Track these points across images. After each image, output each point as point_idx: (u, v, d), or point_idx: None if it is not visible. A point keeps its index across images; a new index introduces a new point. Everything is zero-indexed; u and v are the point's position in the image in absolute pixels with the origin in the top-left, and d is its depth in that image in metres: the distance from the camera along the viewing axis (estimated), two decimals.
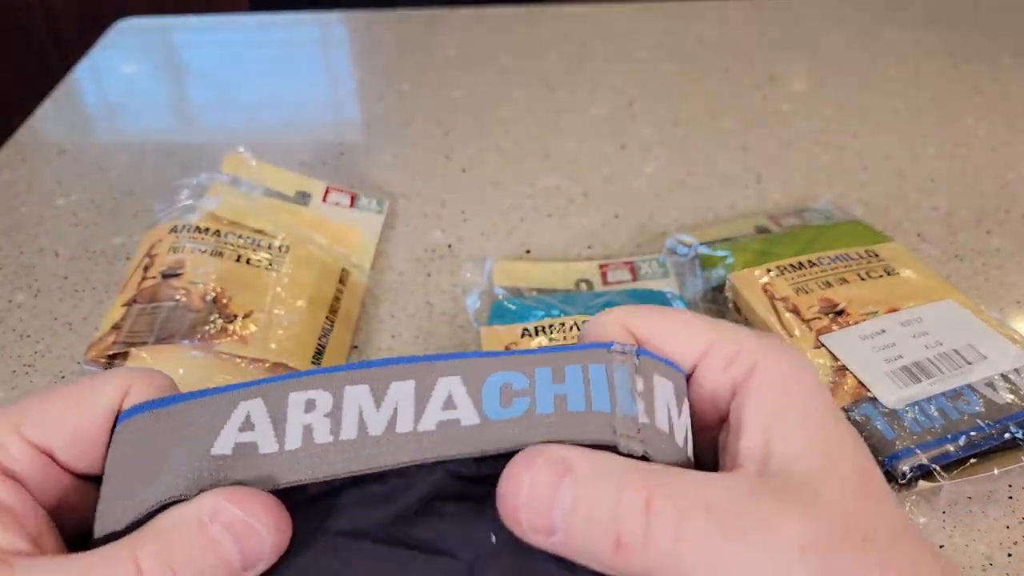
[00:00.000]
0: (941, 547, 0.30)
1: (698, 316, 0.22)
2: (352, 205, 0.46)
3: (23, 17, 1.35)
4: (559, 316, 0.36)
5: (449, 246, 0.45)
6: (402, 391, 0.20)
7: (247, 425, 0.20)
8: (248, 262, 0.39)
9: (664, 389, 0.20)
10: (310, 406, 0.20)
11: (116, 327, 0.36)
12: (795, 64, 0.62)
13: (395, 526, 0.20)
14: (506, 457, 0.19)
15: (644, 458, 0.19)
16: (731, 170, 0.50)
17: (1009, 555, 0.29)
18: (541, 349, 0.21)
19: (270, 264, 0.40)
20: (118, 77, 0.63)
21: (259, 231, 0.42)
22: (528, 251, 0.44)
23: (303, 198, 0.46)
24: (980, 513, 0.31)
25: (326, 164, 0.51)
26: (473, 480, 0.20)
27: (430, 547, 0.20)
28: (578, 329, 0.34)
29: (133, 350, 0.35)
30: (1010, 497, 0.31)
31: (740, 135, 0.54)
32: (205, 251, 0.39)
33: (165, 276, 0.38)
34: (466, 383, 0.20)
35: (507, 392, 0.20)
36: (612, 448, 0.19)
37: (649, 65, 0.62)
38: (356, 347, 0.39)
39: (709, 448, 0.22)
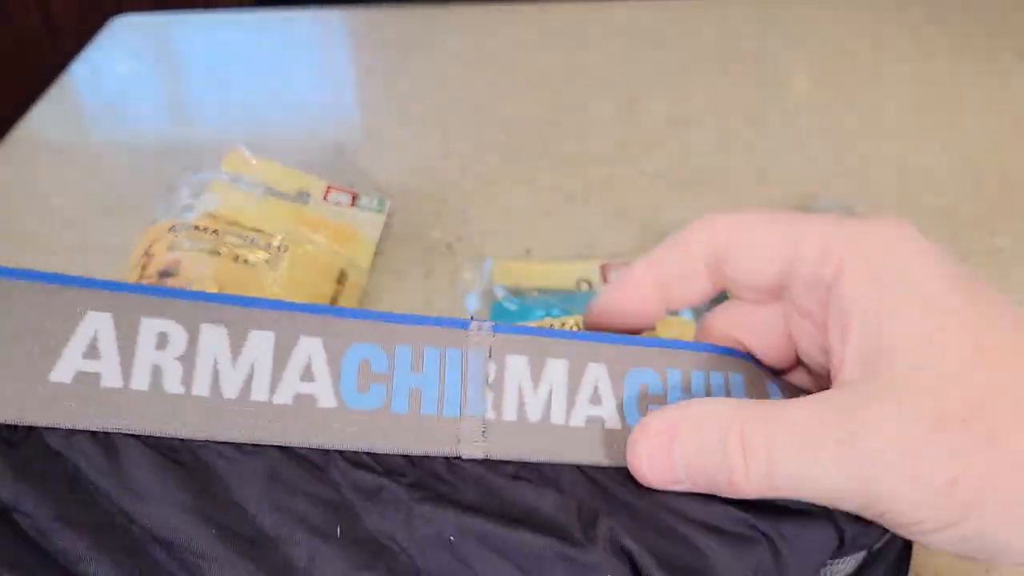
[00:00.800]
0: None
1: (781, 218, 0.21)
2: (353, 204, 0.46)
3: (19, 14, 1.34)
4: (560, 316, 0.36)
5: (449, 245, 0.44)
6: (261, 345, 0.19)
7: (92, 351, 0.18)
8: (246, 261, 0.39)
9: (519, 365, 0.20)
10: (162, 342, 0.18)
11: None
12: (797, 63, 0.61)
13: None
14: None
15: (486, 460, 0.20)
16: (733, 169, 0.50)
17: None
18: (408, 317, 0.20)
19: (267, 263, 0.39)
20: (115, 75, 0.62)
21: (258, 230, 0.41)
22: (528, 250, 0.44)
23: (303, 197, 0.45)
24: None
25: (325, 162, 0.51)
26: (308, 462, 0.19)
27: (281, 533, 0.19)
28: (578, 328, 0.34)
29: None
30: None
31: (742, 134, 0.53)
32: (202, 250, 0.39)
33: (162, 275, 0.37)
34: (328, 349, 0.19)
35: (366, 373, 0.19)
36: (456, 457, 0.19)
37: (651, 64, 0.62)
38: None
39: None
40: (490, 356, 0.20)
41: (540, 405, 0.20)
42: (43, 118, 0.57)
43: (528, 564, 0.18)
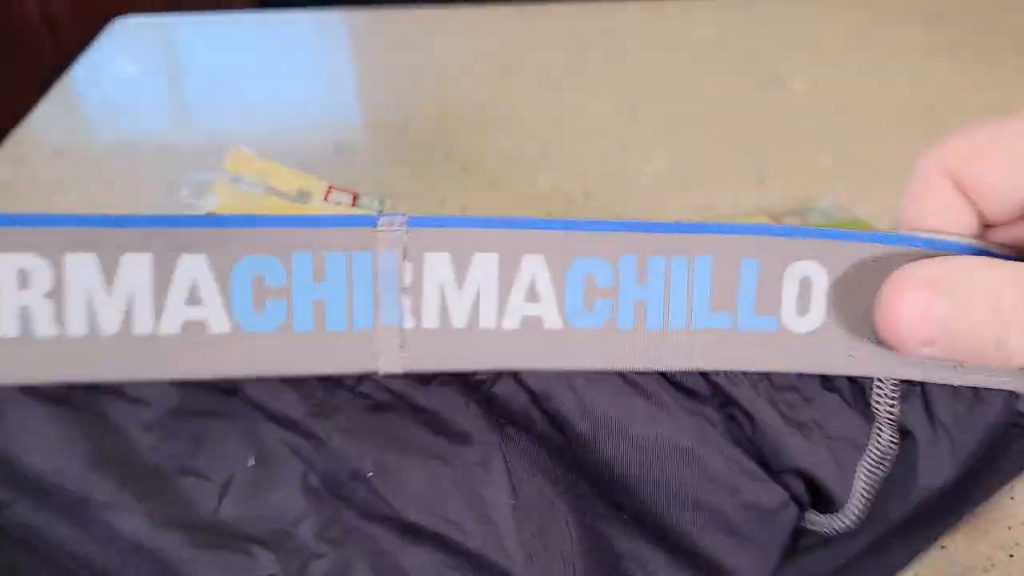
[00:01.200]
0: (943, 548, 0.30)
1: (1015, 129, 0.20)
2: (353, 204, 0.46)
3: (20, 15, 1.35)
4: None
5: None
6: (137, 272, 0.17)
7: None
8: None
9: (440, 264, 0.18)
10: (24, 280, 0.16)
11: None
12: (796, 64, 0.61)
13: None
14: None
15: (407, 375, 0.18)
16: (732, 170, 0.50)
17: (1011, 555, 0.29)
18: (305, 219, 0.17)
19: None
20: (116, 76, 0.63)
21: None
22: None
23: (304, 197, 0.46)
24: (982, 514, 0.31)
25: (325, 162, 0.51)
26: (218, 390, 0.18)
27: (187, 469, 0.18)
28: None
29: None
30: (1011, 498, 0.31)
31: (741, 135, 0.54)
32: None
33: None
34: (214, 267, 0.17)
35: (261, 288, 0.17)
36: (372, 374, 0.17)
37: (651, 65, 0.62)
38: None
39: None
40: (405, 256, 0.17)
41: (466, 308, 0.18)
42: (45, 119, 0.57)
43: (453, 490, 0.18)
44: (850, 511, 0.21)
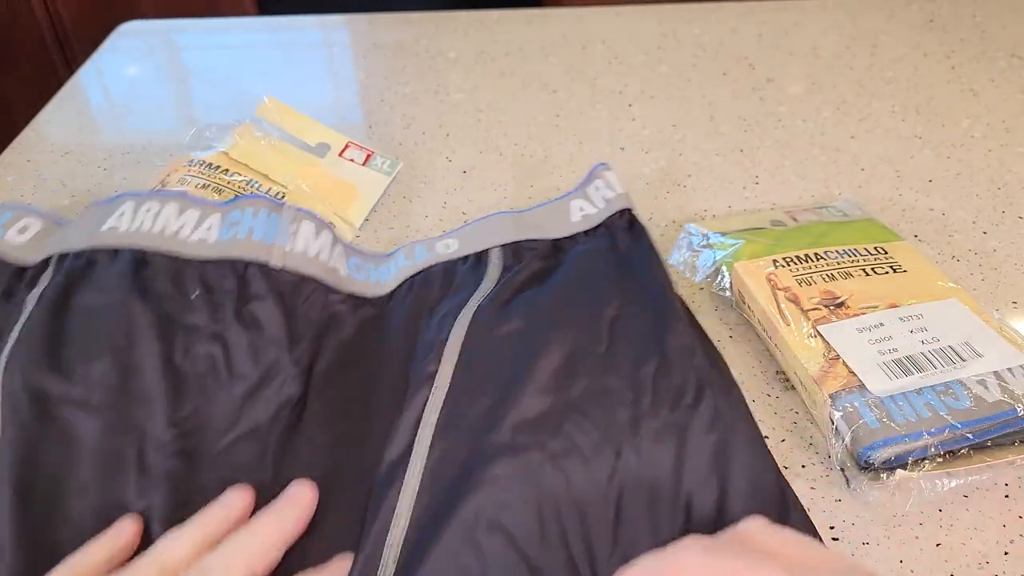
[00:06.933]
0: (938, 545, 0.30)
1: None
2: (365, 164, 0.48)
3: (28, 20, 1.35)
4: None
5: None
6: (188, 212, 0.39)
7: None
8: None
9: (309, 227, 0.38)
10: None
11: None
12: (793, 66, 0.62)
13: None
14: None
15: (283, 269, 0.37)
16: (729, 172, 0.51)
17: (1006, 553, 0.29)
18: (258, 196, 0.40)
19: None
20: (122, 79, 0.63)
21: (264, 175, 0.45)
22: None
23: (322, 149, 0.49)
24: (976, 512, 0.31)
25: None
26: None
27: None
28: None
29: None
30: (1006, 496, 0.31)
31: (738, 137, 0.54)
32: (208, 186, 0.43)
33: None
34: (217, 212, 0.39)
35: (228, 222, 0.38)
36: (265, 264, 0.36)
37: (648, 68, 0.62)
38: None
39: None
40: (292, 220, 0.38)
41: (316, 248, 0.38)
42: (52, 121, 0.58)
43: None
44: None
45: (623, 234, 0.38)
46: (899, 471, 0.30)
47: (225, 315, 0.35)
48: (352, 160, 0.48)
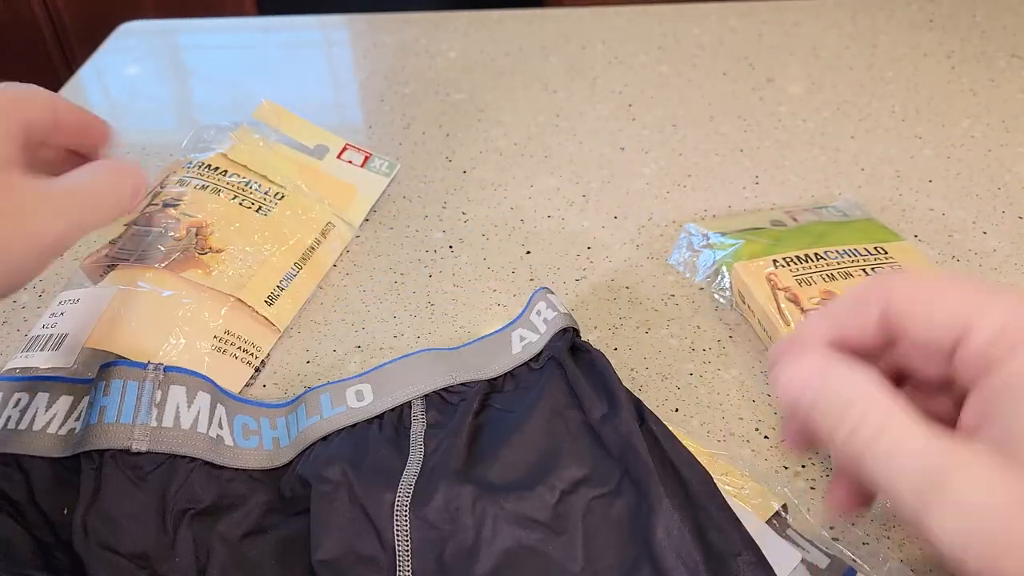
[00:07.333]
0: None
1: (963, 284, 0.22)
2: (363, 165, 0.48)
3: (29, 19, 1.36)
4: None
5: (450, 247, 0.45)
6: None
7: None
8: (241, 203, 0.43)
9: (181, 393, 0.32)
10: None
11: (112, 242, 0.40)
12: (792, 67, 0.62)
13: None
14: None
15: (148, 452, 0.30)
16: (729, 172, 0.51)
17: None
18: (117, 362, 0.32)
19: (259, 209, 0.43)
20: (123, 79, 0.63)
21: (262, 176, 0.45)
22: (528, 252, 0.45)
23: (321, 151, 0.48)
24: None
25: None
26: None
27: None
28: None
29: (120, 264, 0.39)
30: None
31: (738, 137, 0.54)
32: (206, 188, 0.43)
33: (166, 205, 0.41)
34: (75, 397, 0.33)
35: (90, 400, 0.32)
36: (127, 451, 0.30)
37: (648, 68, 0.62)
38: (359, 347, 0.39)
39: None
40: (158, 387, 0.31)
41: (191, 418, 0.31)
42: None
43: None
44: None
45: (568, 359, 0.33)
46: None
47: (76, 527, 0.28)
48: (350, 162, 0.48)
